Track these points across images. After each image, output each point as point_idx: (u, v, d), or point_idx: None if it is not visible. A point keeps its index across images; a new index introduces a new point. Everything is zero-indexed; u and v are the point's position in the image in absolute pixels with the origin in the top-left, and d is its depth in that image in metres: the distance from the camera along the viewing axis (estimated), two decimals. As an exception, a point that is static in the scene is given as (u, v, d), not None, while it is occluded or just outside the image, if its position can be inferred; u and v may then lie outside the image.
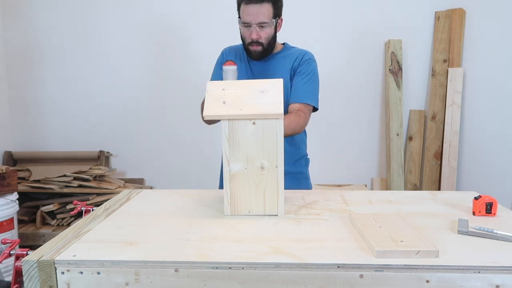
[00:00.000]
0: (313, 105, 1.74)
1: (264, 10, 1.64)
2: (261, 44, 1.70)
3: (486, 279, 0.88)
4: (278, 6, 1.69)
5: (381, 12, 3.10)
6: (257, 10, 1.63)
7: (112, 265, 0.93)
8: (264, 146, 1.21)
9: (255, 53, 1.73)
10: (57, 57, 3.26)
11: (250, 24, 1.66)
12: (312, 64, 1.78)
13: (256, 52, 1.72)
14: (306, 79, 1.74)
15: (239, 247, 1.00)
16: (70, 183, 2.98)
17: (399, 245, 0.94)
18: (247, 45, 1.73)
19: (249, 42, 1.71)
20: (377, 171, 3.27)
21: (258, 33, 1.68)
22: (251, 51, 1.73)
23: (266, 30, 1.68)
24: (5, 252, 1.02)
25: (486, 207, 1.23)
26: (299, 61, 1.76)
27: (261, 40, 1.69)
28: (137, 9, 3.18)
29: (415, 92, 3.17)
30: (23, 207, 2.99)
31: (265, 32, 1.68)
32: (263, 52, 1.73)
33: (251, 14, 1.65)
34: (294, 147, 1.82)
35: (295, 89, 1.74)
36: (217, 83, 1.30)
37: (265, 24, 1.66)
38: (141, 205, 1.38)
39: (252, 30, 1.67)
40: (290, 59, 1.77)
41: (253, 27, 1.66)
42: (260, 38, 1.69)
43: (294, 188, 1.63)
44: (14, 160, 3.27)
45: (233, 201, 1.24)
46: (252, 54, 1.74)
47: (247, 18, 1.66)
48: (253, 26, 1.66)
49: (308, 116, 1.74)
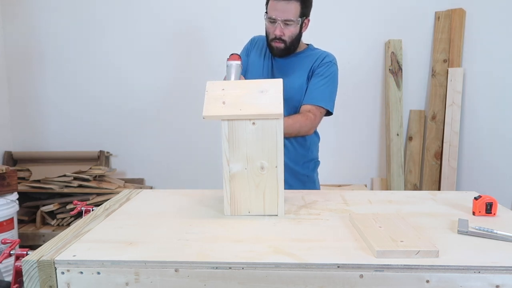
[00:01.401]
0: (326, 108, 1.72)
1: (291, 8, 1.62)
2: (283, 42, 1.69)
3: (486, 279, 0.88)
4: (306, 6, 1.68)
5: (381, 12, 3.10)
6: (284, 7, 1.62)
7: (112, 265, 0.93)
8: (264, 146, 1.21)
9: (276, 49, 1.71)
10: (57, 57, 3.26)
11: (276, 20, 1.65)
12: (332, 67, 1.75)
13: (277, 49, 1.71)
14: (323, 81, 1.72)
15: (239, 247, 1.00)
16: (70, 183, 2.98)
17: (399, 245, 0.94)
18: (270, 40, 1.72)
19: (272, 38, 1.69)
20: (377, 171, 3.27)
21: (282, 30, 1.66)
22: (273, 47, 1.72)
23: (290, 28, 1.67)
24: (5, 252, 1.02)
25: (486, 207, 1.23)
26: (319, 62, 1.74)
27: (284, 38, 1.68)
28: (136, 9, 3.18)
29: (415, 92, 3.17)
30: (23, 207, 2.99)
31: (289, 30, 1.67)
32: (285, 50, 1.71)
33: (278, 10, 1.63)
34: (304, 148, 1.81)
35: (310, 90, 1.72)
36: (217, 83, 1.30)
37: (290, 22, 1.64)
38: (141, 205, 1.38)
39: (276, 26, 1.66)
40: (310, 60, 1.76)
41: (278, 24, 1.65)
42: (283, 35, 1.67)
43: (299, 189, 1.63)
44: (14, 160, 3.27)
45: (233, 201, 1.24)
46: (273, 51, 1.73)
47: (274, 13, 1.64)
48: (278, 22, 1.65)
49: (318, 119, 1.72)
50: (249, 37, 1.93)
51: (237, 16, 3.14)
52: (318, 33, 3.13)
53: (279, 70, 1.77)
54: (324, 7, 3.12)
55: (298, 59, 1.77)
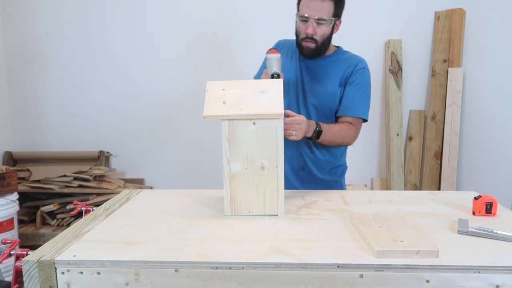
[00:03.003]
0: (365, 118, 1.69)
1: (325, 7, 1.57)
2: (315, 41, 1.63)
3: (486, 279, 0.88)
4: (340, 6, 1.63)
5: (381, 12, 3.10)
6: (318, 5, 1.57)
7: (112, 265, 0.93)
8: (264, 146, 1.21)
9: (307, 49, 1.65)
10: (57, 57, 3.26)
11: (308, 18, 1.59)
12: (366, 73, 1.71)
13: (308, 48, 1.64)
14: (360, 90, 1.67)
15: (239, 247, 1.00)
16: (70, 183, 2.98)
17: (399, 245, 0.94)
18: (300, 40, 1.65)
19: (303, 38, 1.63)
20: (377, 171, 3.27)
21: (314, 29, 1.60)
22: (303, 47, 1.65)
23: (323, 28, 1.61)
24: (5, 252, 1.02)
25: (486, 207, 1.23)
26: (352, 69, 1.69)
27: (316, 37, 1.62)
28: (136, 9, 3.18)
29: (415, 92, 3.17)
30: (23, 207, 2.99)
31: (322, 29, 1.61)
32: (316, 50, 1.65)
33: (311, 8, 1.58)
34: (332, 156, 1.76)
35: (348, 100, 1.67)
36: (217, 83, 1.30)
37: (323, 21, 1.59)
38: (141, 205, 1.38)
39: (308, 25, 1.60)
40: (342, 65, 1.70)
41: (310, 22, 1.59)
42: (315, 34, 1.61)
43: None
44: (14, 160, 3.27)
45: (233, 201, 1.25)
46: (303, 50, 1.66)
47: (307, 11, 1.58)
48: (310, 20, 1.59)
49: (359, 130, 1.70)
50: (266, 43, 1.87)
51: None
52: (318, 33, 3.14)
53: (308, 72, 1.71)
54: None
55: (329, 63, 1.71)
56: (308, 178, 1.74)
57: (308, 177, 1.74)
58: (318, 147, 1.72)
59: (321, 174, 1.75)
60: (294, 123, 1.37)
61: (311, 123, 1.50)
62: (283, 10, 2.60)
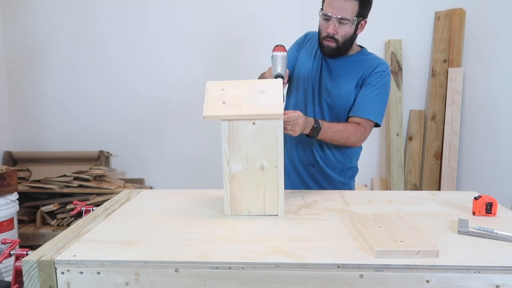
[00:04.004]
0: (375, 121, 1.65)
1: (348, 6, 1.54)
2: (335, 41, 1.60)
3: (486, 279, 0.88)
4: (365, 6, 1.60)
5: (381, 12, 3.10)
6: (341, 4, 1.54)
7: (112, 265, 0.93)
8: (264, 146, 1.21)
9: (327, 48, 1.62)
10: (57, 57, 3.26)
11: (330, 17, 1.56)
12: (385, 77, 1.67)
13: (329, 48, 1.62)
14: (375, 92, 1.64)
15: (239, 247, 1.00)
16: (70, 183, 2.98)
17: (399, 245, 0.94)
18: (321, 38, 1.63)
19: (324, 36, 1.61)
20: (377, 171, 3.27)
21: (335, 28, 1.57)
22: (324, 46, 1.63)
23: (345, 28, 1.58)
24: (5, 252, 1.02)
25: (486, 207, 1.23)
26: (371, 71, 1.65)
27: (337, 36, 1.59)
28: (136, 9, 3.18)
29: (415, 92, 3.16)
30: (23, 207, 2.99)
31: (344, 29, 1.58)
32: (336, 50, 1.62)
33: (334, 7, 1.55)
34: (344, 157, 1.74)
35: (361, 101, 1.64)
36: (217, 83, 1.30)
37: (345, 20, 1.56)
38: (141, 205, 1.38)
39: (330, 24, 1.57)
40: (362, 66, 1.67)
41: (332, 21, 1.56)
42: (336, 33, 1.58)
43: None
44: (14, 160, 3.27)
45: (233, 201, 1.24)
46: (324, 49, 1.64)
47: (329, 10, 1.56)
48: (332, 19, 1.56)
49: (368, 132, 1.67)
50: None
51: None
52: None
53: (327, 71, 1.69)
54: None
55: (349, 63, 1.68)
56: (319, 176, 1.73)
57: (319, 174, 1.73)
58: (329, 146, 1.70)
59: (332, 172, 1.73)
60: (291, 119, 1.36)
61: (309, 120, 1.48)
62: (288, 10, 2.60)
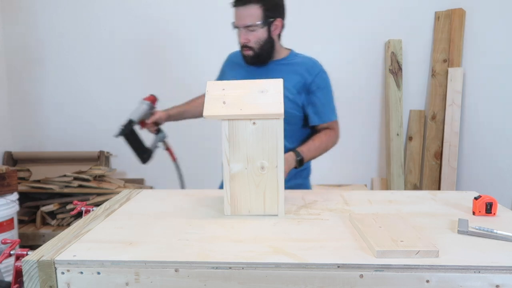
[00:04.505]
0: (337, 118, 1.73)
1: (251, 12, 1.55)
2: (251, 49, 1.61)
3: (486, 279, 0.88)
4: (270, 7, 1.58)
5: (381, 12, 3.10)
6: (243, 12, 1.56)
7: (112, 265, 0.93)
8: (264, 146, 1.21)
9: (247, 57, 1.64)
10: (57, 57, 3.26)
11: (238, 27, 1.59)
12: (324, 74, 1.70)
13: (248, 57, 1.64)
14: (326, 93, 1.68)
15: (239, 247, 1.00)
16: (70, 183, 2.98)
17: (399, 245, 0.94)
18: (241, 49, 1.66)
19: (241, 47, 1.64)
20: (377, 171, 3.27)
21: (246, 37, 1.59)
22: (244, 56, 1.65)
23: (255, 33, 1.58)
24: (5, 252, 1.02)
25: (486, 207, 1.23)
26: (313, 76, 1.66)
27: (250, 44, 1.60)
28: (136, 9, 3.18)
29: (415, 92, 3.17)
30: (23, 207, 2.99)
31: (254, 35, 1.58)
32: (256, 57, 1.63)
33: (238, 17, 1.58)
34: None
35: (319, 108, 1.66)
36: (217, 83, 1.30)
37: (252, 27, 1.57)
38: (141, 205, 1.38)
39: (240, 33, 1.60)
40: (298, 71, 1.66)
41: (241, 31, 1.59)
42: (248, 42, 1.60)
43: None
44: (14, 160, 3.27)
45: (233, 201, 1.24)
46: (245, 59, 1.66)
47: (236, 21, 1.60)
48: (240, 29, 1.59)
49: (338, 130, 1.73)
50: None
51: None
52: (318, 33, 3.14)
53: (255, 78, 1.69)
54: (324, 7, 3.12)
55: (282, 68, 1.67)
56: None
57: None
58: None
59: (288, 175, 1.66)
60: None
61: (289, 157, 1.53)
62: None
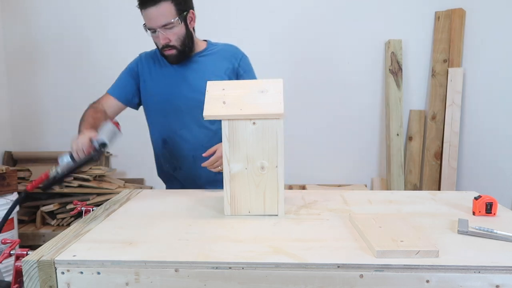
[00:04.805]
0: None
1: (163, 11, 1.49)
2: (174, 47, 1.56)
3: (486, 279, 0.88)
4: (181, 1, 1.53)
5: (381, 12, 3.10)
6: (156, 12, 1.49)
7: (112, 265, 0.93)
8: (264, 146, 1.21)
9: (171, 57, 1.59)
10: (57, 57, 3.26)
11: (155, 29, 1.52)
12: (246, 58, 1.71)
13: (172, 56, 1.58)
14: (251, 77, 1.68)
15: (239, 247, 1.00)
16: (70, 183, 2.98)
17: (399, 245, 0.94)
18: (161, 51, 1.60)
19: (162, 48, 1.58)
20: (377, 171, 3.27)
21: (166, 37, 1.53)
22: (167, 56, 1.59)
23: (174, 31, 1.53)
24: (5, 252, 1.02)
25: (486, 207, 1.23)
26: (238, 60, 1.67)
27: (172, 43, 1.55)
28: (136, 9, 3.18)
29: (415, 92, 3.17)
30: (23, 207, 2.99)
31: (174, 33, 1.53)
32: (180, 54, 1.59)
33: (151, 19, 1.51)
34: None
35: None
36: (217, 83, 1.30)
37: (169, 25, 1.51)
38: (141, 205, 1.38)
39: (158, 35, 1.53)
40: (220, 58, 1.66)
41: (158, 32, 1.52)
42: (170, 41, 1.54)
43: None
44: (14, 160, 3.27)
45: (233, 201, 1.25)
46: (169, 59, 1.61)
47: (149, 23, 1.52)
48: (157, 30, 1.52)
49: None
50: None
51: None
52: (318, 33, 3.14)
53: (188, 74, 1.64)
54: (323, 7, 3.12)
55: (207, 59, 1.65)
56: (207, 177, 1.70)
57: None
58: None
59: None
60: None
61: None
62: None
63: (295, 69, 3.14)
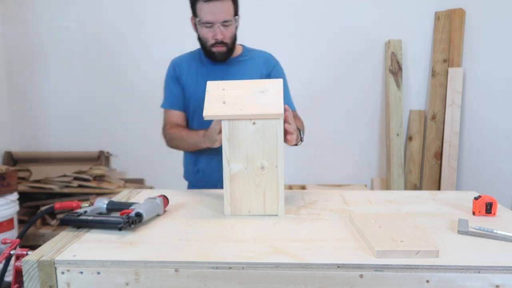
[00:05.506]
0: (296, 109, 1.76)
1: (227, 7, 1.52)
2: (225, 45, 1.58)
3: (486, 279, 0.88)
4: (237, 3, 1.58)
5: (381, 12, 3.10)
6: (219, 7, 1.50)
7: (112, 265, 0.93)
8: (264, 146, 1.21)
9: (219, 54, 1.60)
10: (57, 57, 3.26)
11: (213, 23, 1.53)
12: (279, 66, 1.73)
13: (221, 53, 1.60)
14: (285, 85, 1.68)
15: (239, 247, 1.00)
16: (70, 183, 2.98)
17: (399, 245, 0.94)
18: (209, 46, 1.59)
19: (212, 44, 1.58)
20: (377, 171, 3.27)
21: (223, 33, 1.55)
22: (215, 53, 1.60)
23: (230, 29, 1.56)
24: (5, 252, 1.02)
25: (486, 207, 1.23)
26: (270, 68, 1.69)
27: (226, 40, 1.57)
28: (136, 9, 3.18)
29: (415, 92, 3.17)
30: (23, 207, 2.99)
31: (230, 31, 1.57)
32: (228, 52, 1.62)
33: (213, 13, 1.51)
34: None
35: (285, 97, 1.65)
36: (217, 83, 1.30)
37: (229, 22, 1.54)
38: (141, 205, 1.38)
39: (216, 30, 1.53)
40: (256, 63, 1.69)
41: (217, 27, 1.53)
42: (225, 38, 1.56)
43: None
44: (14, 160, 3.27)
45: (233, 201, 1.25)
46: (216, 56, 1.61)
47: (209, 17, 1.52)
48: (216, 25, 1.52)
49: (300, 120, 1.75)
50: None
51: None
52: (318, 33, 3.14)
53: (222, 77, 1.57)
54: (323, 7, 3.12)
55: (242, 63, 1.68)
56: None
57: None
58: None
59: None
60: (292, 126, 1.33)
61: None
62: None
63: (295, 70, 3.14)
